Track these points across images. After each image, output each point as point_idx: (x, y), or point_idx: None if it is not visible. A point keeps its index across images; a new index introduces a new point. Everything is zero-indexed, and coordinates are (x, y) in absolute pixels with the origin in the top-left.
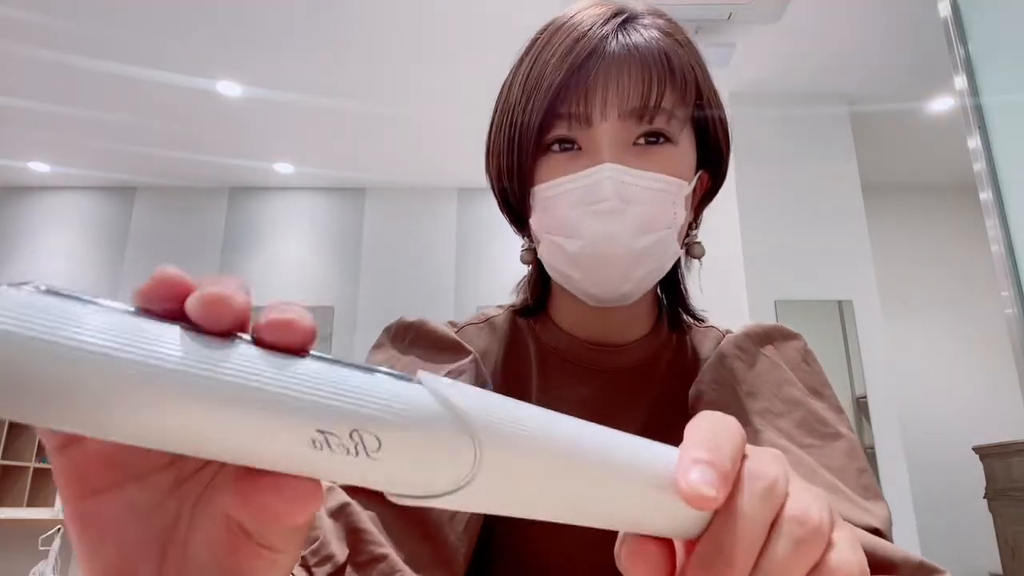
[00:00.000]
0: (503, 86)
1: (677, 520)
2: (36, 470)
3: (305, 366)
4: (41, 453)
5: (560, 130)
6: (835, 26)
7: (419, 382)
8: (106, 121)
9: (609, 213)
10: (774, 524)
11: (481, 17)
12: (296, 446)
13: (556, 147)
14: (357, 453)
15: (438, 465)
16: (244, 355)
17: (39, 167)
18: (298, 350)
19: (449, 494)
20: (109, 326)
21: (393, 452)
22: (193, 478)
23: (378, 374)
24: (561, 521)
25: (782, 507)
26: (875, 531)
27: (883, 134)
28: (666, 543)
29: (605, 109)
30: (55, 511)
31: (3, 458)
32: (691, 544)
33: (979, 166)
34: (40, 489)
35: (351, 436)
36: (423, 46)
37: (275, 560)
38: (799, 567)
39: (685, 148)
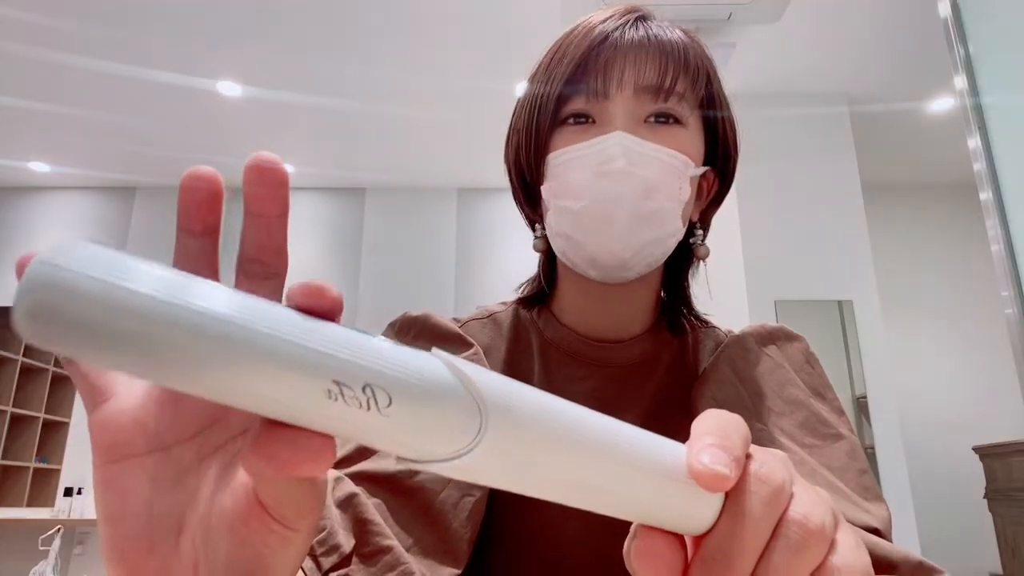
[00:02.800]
0: (530, 75)
1: (684, 512)
2: (36, 470)
3: (329, 328)
4: (41, 453)
5: (577, 104)
6: (835, 26)
7: (432, 355)
8: (106, 121)
9: (616, 174)
10: (777, 526)
11: (481, 18)
12: (312, 395)
13: (571, 120)
14: (369, 408)
15: (445, 428)
16: (274, 311)
17: (39, 167)
18: (325, 315)
19: (454, 459)
20: (158, 279)
21: (403, 410)
22: (214, 456)
23: (395, 344)
24: (563, 502)
25: (786, 509)
26: (875, 531)
27: (883, 134)
28: (677, 542)
29: (622, 82)
30: (55, 511)
31: (3, 458)
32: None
33: (979, 166)
34: (40, 489)
35: (364, 390)
36: (423, 46)
37: (287, 538)
38: (801, 570)
39: (694, 133)
